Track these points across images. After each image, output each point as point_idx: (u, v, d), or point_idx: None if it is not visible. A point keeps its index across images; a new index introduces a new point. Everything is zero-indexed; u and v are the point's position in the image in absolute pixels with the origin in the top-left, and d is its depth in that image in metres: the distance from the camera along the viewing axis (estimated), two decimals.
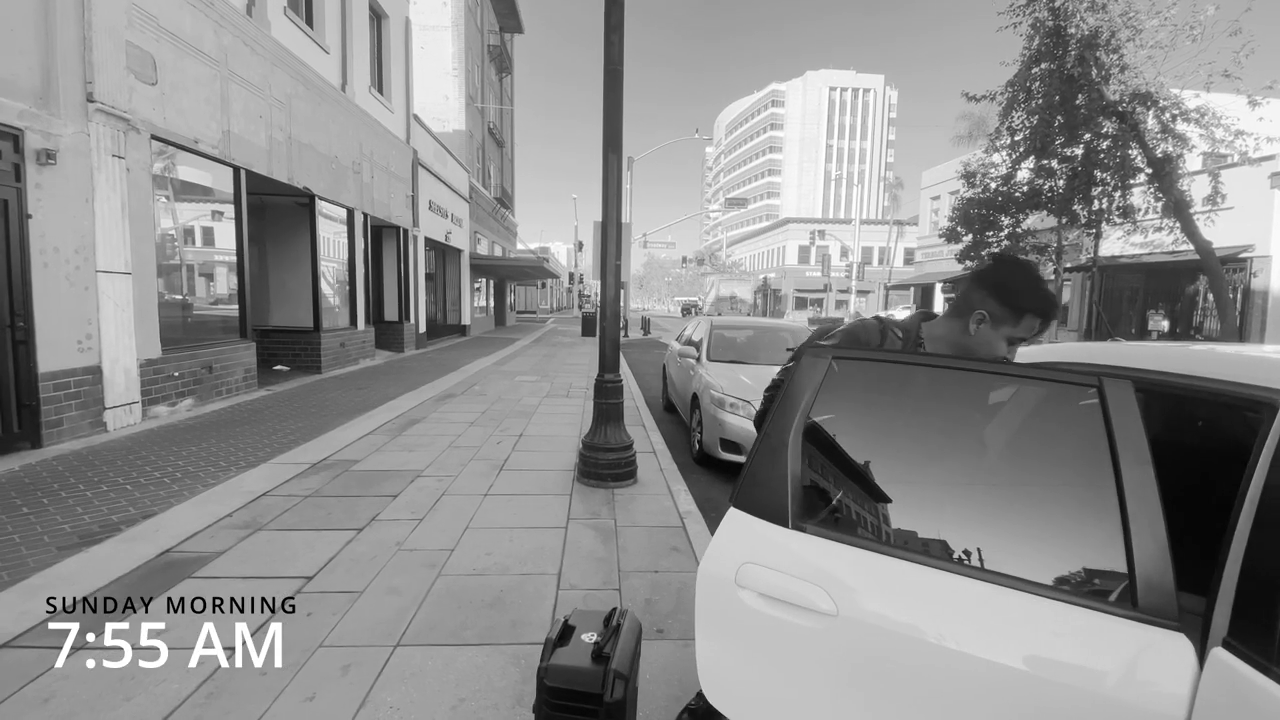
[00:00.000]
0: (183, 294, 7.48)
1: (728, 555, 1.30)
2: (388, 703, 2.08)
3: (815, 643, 1.19)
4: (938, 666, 1.11)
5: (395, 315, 14.28)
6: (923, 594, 1.16)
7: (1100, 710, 1.03)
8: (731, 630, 1.28)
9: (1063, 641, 1.09)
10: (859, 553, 1.21)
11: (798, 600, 1.20)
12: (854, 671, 1.17)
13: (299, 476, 4.58)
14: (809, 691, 1.20)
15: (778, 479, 1.29)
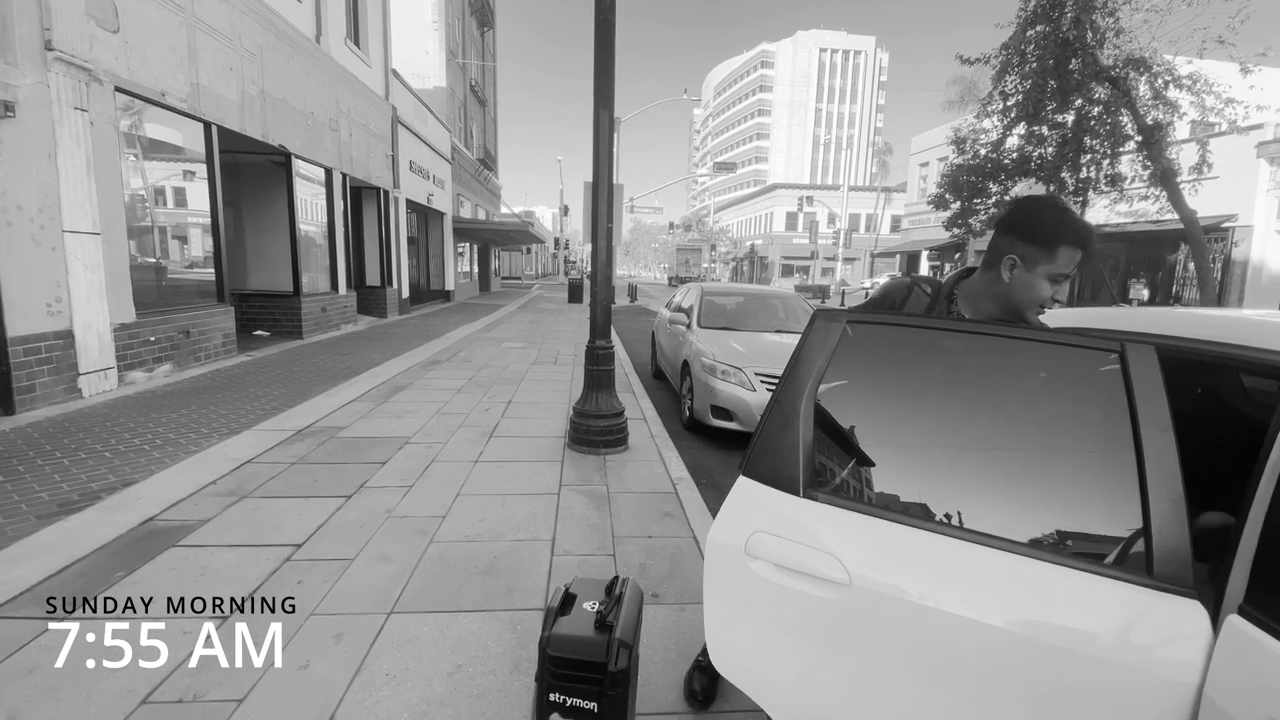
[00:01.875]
0: (156, 257, 7.21)
1: (737, 524, 1.27)
2: (383, 670, 2.06)
3: (827, 612, 1.17)
4: (952, 634, 1.09)
5: (378, 280, 13.99)
6: (937, 562, 1.15)
7: (1114, 676, 1.02)
8: (741, 599, 1.26)
9: (1077, 608, 1.08)
10: (872, 521, 1.19)
11: (809, 569, 1.18)
12: (866, 640, 1.16)
13: (284, 443, 4.50)
14: (820, 660, 1.19)
15: (789, 447, 1.26)
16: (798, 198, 44.51)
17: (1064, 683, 1.04)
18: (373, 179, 12.94)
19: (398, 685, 1.99)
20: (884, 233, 45.52)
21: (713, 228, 63.64)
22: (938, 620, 1.10)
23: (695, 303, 6.82)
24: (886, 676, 1.14)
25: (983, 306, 1.58)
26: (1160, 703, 1.00)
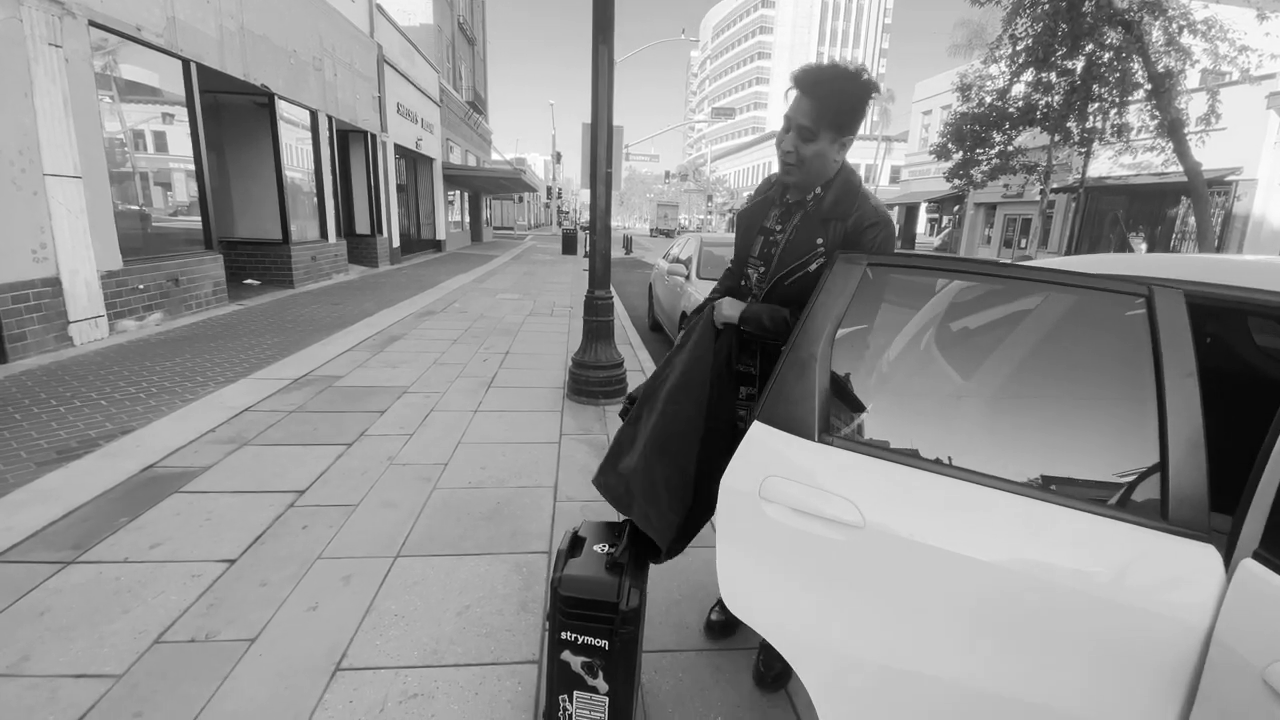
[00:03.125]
0: (141, 203, 7.00)
1: (751, 469, 1.26)
2: (392, 610, 2.10)
3: (841, 554, 1.18)
4: (963, 577, 1.11)
5: (367, 228, 13.70)
6: (950, 506, 1.15)
7: (1127, 618, 1.04)
8: (754, 543, 1.27)
9: (1089, 551, 1.09)
10: (887, 466, 1.18)
11: (823, 513, 1.18)
12: (879, 583, 1.17)
13: (281, 392, 4.48)
14: (834, 602, 1.20)
15: (804, 392, 1.24)
16: None
17: (1076, 625, 1.05)
18: (359, 122, 12.49)
19: (407, 625, 2.03)
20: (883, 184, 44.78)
21: (709, 178, 62.35)
22: (950, 563, 1.11)
23: (694, 254, 6.71)
24: (899, 618, 1.15)
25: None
26: (1170, 644, 1.02)
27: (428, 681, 1.78)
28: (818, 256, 1.60)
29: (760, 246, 1.74)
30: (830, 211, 1.60)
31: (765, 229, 1.75)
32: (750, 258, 1.76)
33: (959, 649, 1.12)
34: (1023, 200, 25.15)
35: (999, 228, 29.71)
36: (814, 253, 1.60)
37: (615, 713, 1.44)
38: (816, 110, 1.51)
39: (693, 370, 1.62)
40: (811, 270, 1.61)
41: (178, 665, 1.80)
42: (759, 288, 1.72)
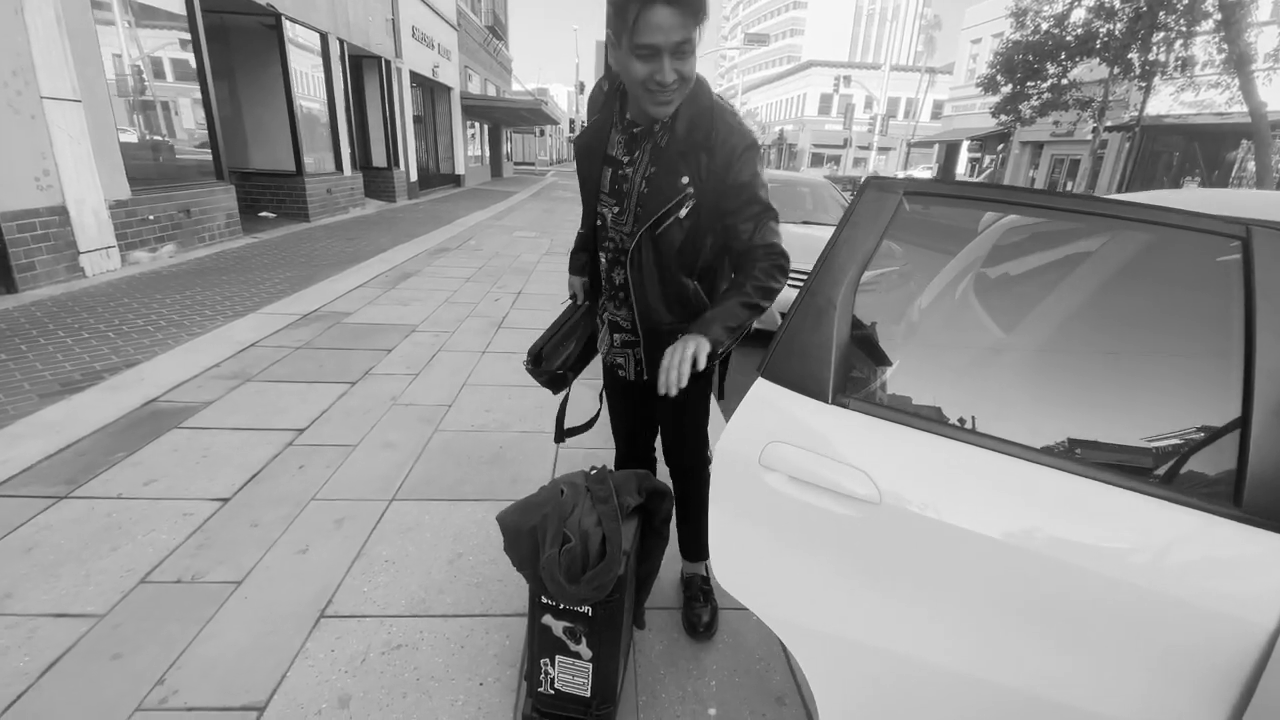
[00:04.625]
0: (148, 131, 6.84)
1: (751, 432, 1.09)
2: (383, 556, 2.04)
3: (851, 533, 1.02)
4: (992, 564, 0.95)
5: (384, 161, 13.38)
6: (983, 483, 0.98)
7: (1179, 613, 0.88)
8: (751, 515, 1.11)
9: (1144, 538, 0.92)
10: (911, 433, 1.01)
11: (832, 485, 1.02)
12: (895, 567, 1.02)
13: (289, 327, 4.40)
14: (840, 585, 1.06)
15: (819, 345, 1.05)
16: (834, 77, 41.07)
17: (1128, 618, 0.90)
18: (372, 46, 11.97)
19: (396, 571, 1.97)
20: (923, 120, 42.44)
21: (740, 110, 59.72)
22: (978, 548, 0.95)
23: None
24: (914, 607, 1.01)
25: (632, 105, 1.39)
26: (1228, 643, 0.86)
27: (413, 632, 1.72)
28: (687, 199, 1.35)
29: (610, 180, 1.45)
30: (686, 140, 1.33)
31: (611, 158, 1.45)
32: (601, 194, 1.48)
33: (983, 643, 0.98)
34: (1072, 140, 23.60)
35: (1044, 169, 28.11)
36: (682, 196, 1.34)
37: (599, 678, 1.35)
38: (685, 11, 1.16)
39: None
40: (683, 216, 1.36)
41: (161, 606, 1.77)
42: (619, 231, 1.46)
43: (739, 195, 1.34)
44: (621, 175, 1.43)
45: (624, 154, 1.43)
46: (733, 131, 1.33)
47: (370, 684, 1.54)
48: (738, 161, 1.32)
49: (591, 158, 1.48)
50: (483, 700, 1.51)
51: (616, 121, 1.45)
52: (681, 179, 1.34)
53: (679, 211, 1.35)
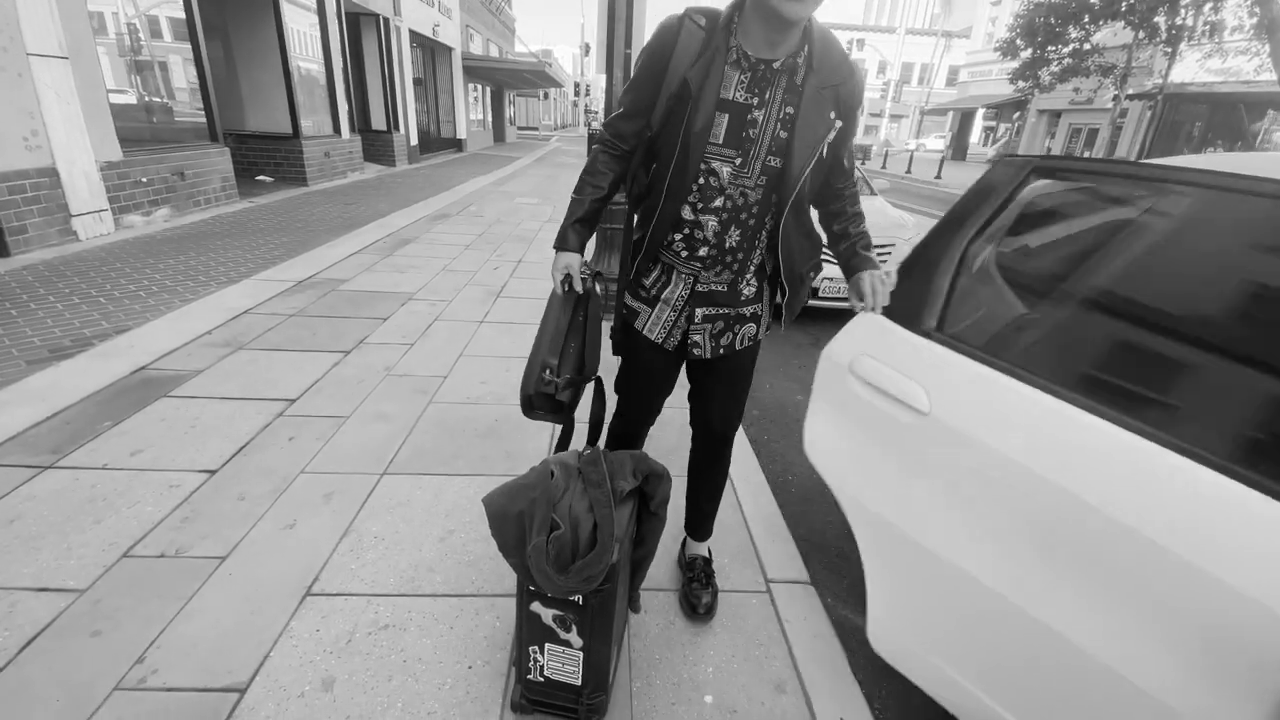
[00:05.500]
0: (139, 90, 6.64)
1: (849, 345, 1.50)
2: (372, 532, 1.98)
3: (906, 434, 1.31)
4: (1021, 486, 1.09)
5: (383, 124, 13.08)
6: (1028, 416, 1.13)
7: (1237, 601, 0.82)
8: (839, 408, 1.50)
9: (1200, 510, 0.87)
10: (972, 366, 1.24)
11: (897, 394, 1.31)
12: (935, 470, 1.26)
13: (283, 294, 4.31)
14: (895, 477, 1.33)
15: (920, 287, 1.37)
16: (847, 41, 39.83)
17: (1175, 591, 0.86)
18: (370, 3, 11.60)
19: (386, 548, 1.92)
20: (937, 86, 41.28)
21: None
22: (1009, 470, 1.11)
23: None
24: (951, 511, 1.20)
25: (753, 30, 1.21)
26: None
27: (401, 612, 1.67)
28: (834, 133, 1.30)
29: (728, 128, 1.25)
30: (834, 74, 1.25)
31: (729, 103, 1.24)
32: (712, 145, 1.26)
33: (999, 554, 1.11)
34: (1091, 108, 22.94)
35: (1061, 138, 27.43)
36: (831, 131, 1.29)
37: (590, 667, 1.29)
38: None
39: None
40: (825, 154, 1.30)
41: (144, 582, 1.72)
42: (738, 185, 1.29)
43: (854, 126, 1.36)
44: (750, 120, 1.25)
45: (749, 96, 1.24)
46: (853, 60, 1.30)
47: (355, 666, 1.50)
48: (862, 92, 1.32)
49: (702, 102, 1.23)
50: (471, 684, 1.46)
51: (737, 59, 1.23)
52: (829, 113, 1.28)
53: (823, 150, 1.29)
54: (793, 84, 1.24)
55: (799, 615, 1.75)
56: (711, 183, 1.29)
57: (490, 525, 1.21)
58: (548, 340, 1.42)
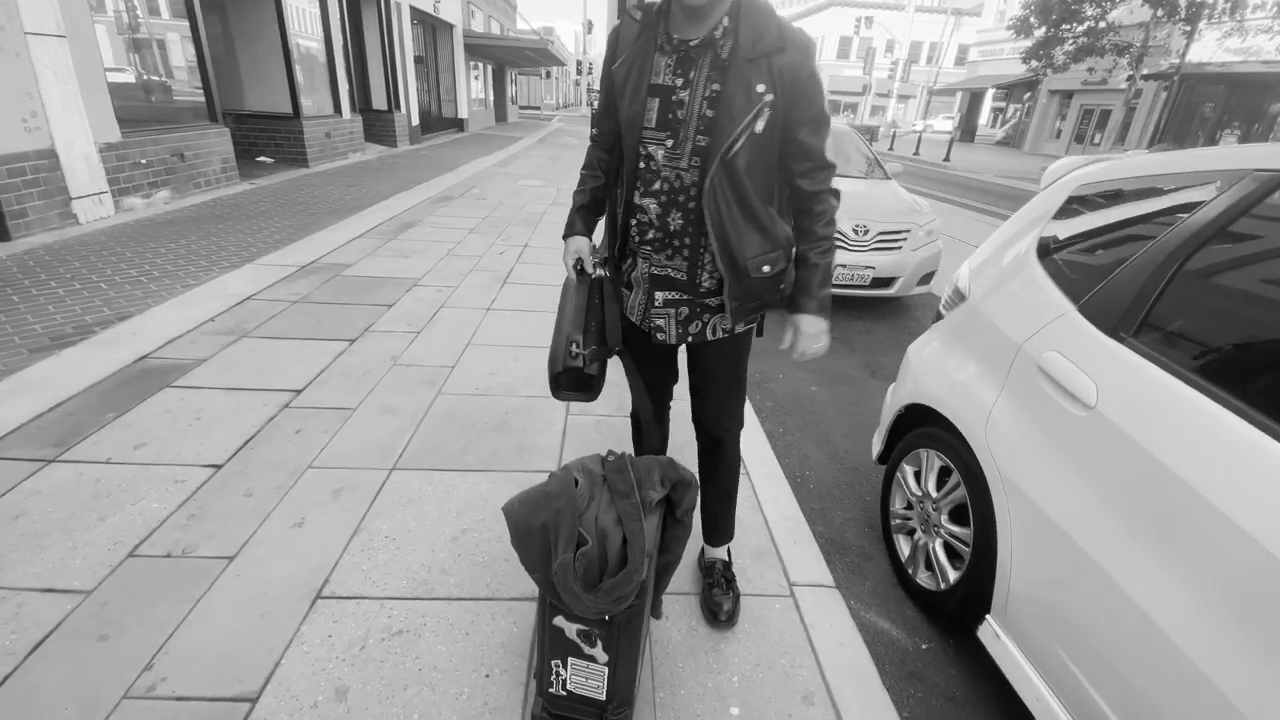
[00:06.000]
0: (135, 69, 6.50)
1: (1043, 340, 1.52)
2: (382, 532, 1.94)
3: (1072, 426, 1.36)
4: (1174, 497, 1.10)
5: (384, 104, 12.87)
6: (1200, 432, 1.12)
7: None
8: (1018, 395, 1.56)
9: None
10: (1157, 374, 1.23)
11: (1072, 386, 1.37)
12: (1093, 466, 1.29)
13: (286, 280, 4.24)
14: (1054, 464, 1.39)
15: (1123, 289, 1.38)
16: (855, 18, 38.94)
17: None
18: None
19: (397, 549, 1.87)
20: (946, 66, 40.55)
21: None
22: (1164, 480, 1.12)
23: None
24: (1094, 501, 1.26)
25: (674, 13, 1.25)
26: None
27: (414, 617, 1.63)
28: (765, 109, 1.21)
29: (659, 113, 1.28)
30: (757, 47, 1.19)
31: (658, 87, 1.27)
32: (646, 129, 1.29)
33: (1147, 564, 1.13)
34: (1105, 88, 22.52)
35: (1072, 119, 26.99)
36: (760, 106, 1.21)
37: (616, 681, 1.24)
38: None
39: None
40: (759, 131, 1.22)
41: (150, 583, 1.67)
42: (673, 168, 1.29)
43: (810, 104, 1.25)
44: (675, 102, 1.26)
45: (674, 78, 1.26)
46: (793, 30, 1.22)
47: (369, 674, 1.45)
48: (807, 63, 1.22)
49: (634, 91, 1.29)
50: (489, 695, 1.42)
51: (662, 44, 1.27)
52: (757, 87, 1.20)
53: (755, 125, 1.22)
54: (718, 60, 1.22)
55: (824, 621, 1.70)
56: (650, 166, 1.32)
57: (512, 538, 1.16)
58: (569, 318, 1.45)
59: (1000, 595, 1.52)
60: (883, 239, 4.54)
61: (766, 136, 1.24)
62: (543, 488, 1.19)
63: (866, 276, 4.51)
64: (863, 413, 3.29)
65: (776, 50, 1.19)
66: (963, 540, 1.75)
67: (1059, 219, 1.74)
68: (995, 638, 1.53)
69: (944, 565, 1.83)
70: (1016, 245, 1.85)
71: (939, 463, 1.88)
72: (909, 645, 1.83)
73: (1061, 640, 1.31)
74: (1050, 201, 1.80)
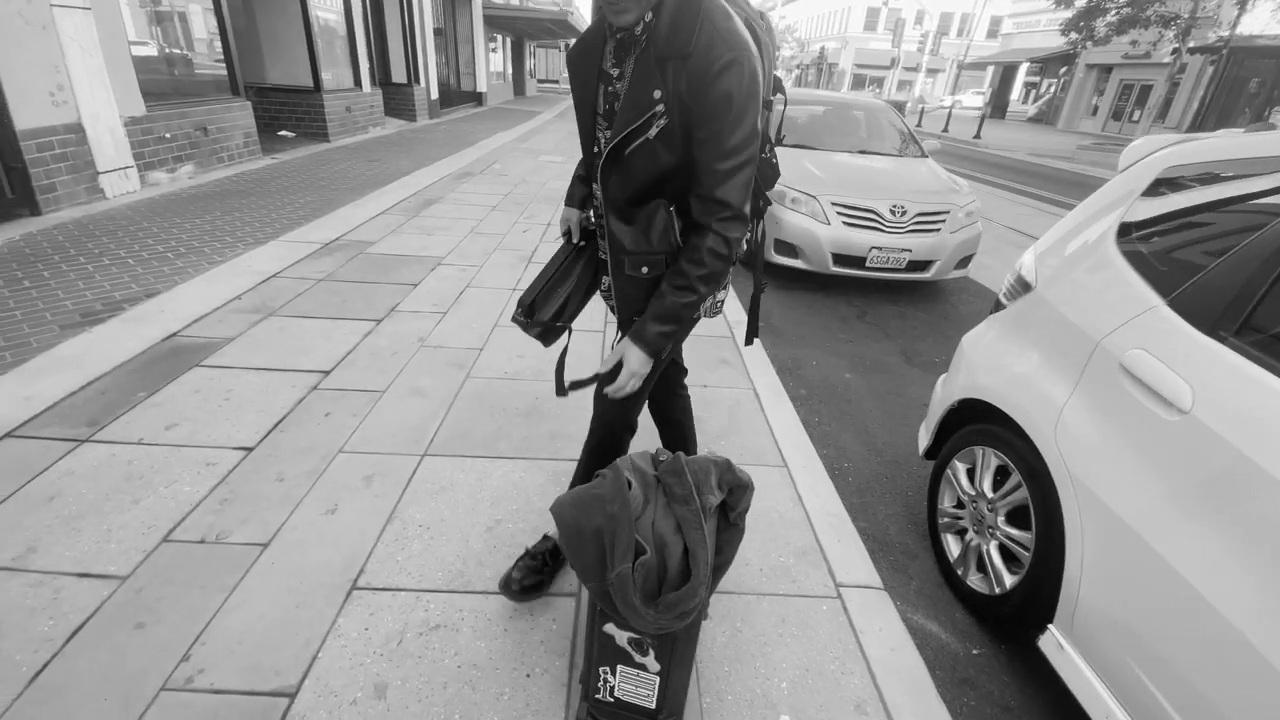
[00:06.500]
0: (160, 43, 6.45)
1: (1126, 334, 1.41)
2: (416, 520, 1.90)
3: (1160, 430, 1.26)
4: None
5: (404, 77, 12.72)
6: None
7: None
8: (1096, 395, 1.45)
9: None
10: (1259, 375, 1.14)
11: (1162, 389, 1.26)
12: (1186, 473, 1.21)
13: (311, 257, 4.20)
14: (1136, 469, 1.30)
15: (1227, 285, 1.26)
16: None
17: None
18: None
19: (431, 539, 1.83)
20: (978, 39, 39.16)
21: (776, 25, 55.79)
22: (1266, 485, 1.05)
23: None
24: (1193, 522, 1.16)
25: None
26: None
27: (451, 611, 1.59)
28: (657, 117, 1.09)
29: (604, 99, 1.23)
30: (667, 44, 1.07)
31: (605, 74, 1.22)
32: (598, 116, 1.25)
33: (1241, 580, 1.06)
34: (1147, 62, 21.62)
35: (1110, 95, 25.98)
36: (652, 112, 1.09)
37: (667, 691, 1.19)
38: None
39: None
40: (652, 136, 1.11)
41: (185, 569, 1.65)
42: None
43: (706, 125, 1.09)
44: (612, 93, 1.20)
45: (614, 67, 1.20)
46: (715, 38, 1.05)
47: (408, 670, 1.42)
48: (720, 76, 1.05)
49: (585, 75, 1.24)
50: (531, 695, 1.38)
51: (609, 27, 1.18)
52: (653, 92, 1.08)
53: (649, 131, 1.11)
54: (643, 51, 1.12)
55: (873, 625, 1.63)
56: (598, 152, 1.26)
57: (562, 542, 1.10)
58: (533, 280, 1.50)
59: (1066, 605, 1.44)
60: (920, 220, 4.37)
61: (664, 146, 1.12)
62: (593, 489, 1.13)
63: (903, 259, 4.35)
64: (900, 401, 3.19)
65: (681, 54, 1.05)
66: (1022, 544, 1.67)
67: (1143, 204, 1.60)
68: (1059, 649, 1.46)
69: (999, 569, 1.75)
70: (1090, 231, 1.72)
71: (996, 461, 1.79)
72: (959, 650, 1.76)
73: (1139, 657, 1.23)
74: (1131, 184, 1.67)
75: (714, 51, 1.04)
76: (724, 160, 1.10)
